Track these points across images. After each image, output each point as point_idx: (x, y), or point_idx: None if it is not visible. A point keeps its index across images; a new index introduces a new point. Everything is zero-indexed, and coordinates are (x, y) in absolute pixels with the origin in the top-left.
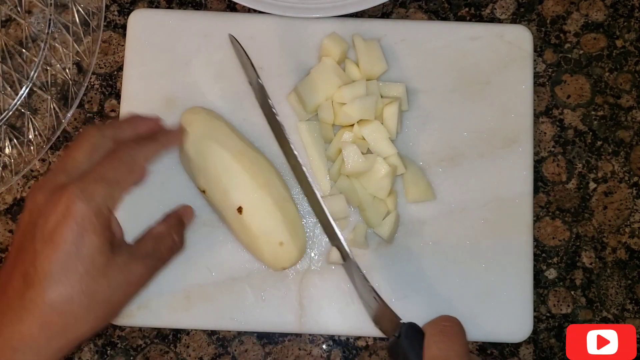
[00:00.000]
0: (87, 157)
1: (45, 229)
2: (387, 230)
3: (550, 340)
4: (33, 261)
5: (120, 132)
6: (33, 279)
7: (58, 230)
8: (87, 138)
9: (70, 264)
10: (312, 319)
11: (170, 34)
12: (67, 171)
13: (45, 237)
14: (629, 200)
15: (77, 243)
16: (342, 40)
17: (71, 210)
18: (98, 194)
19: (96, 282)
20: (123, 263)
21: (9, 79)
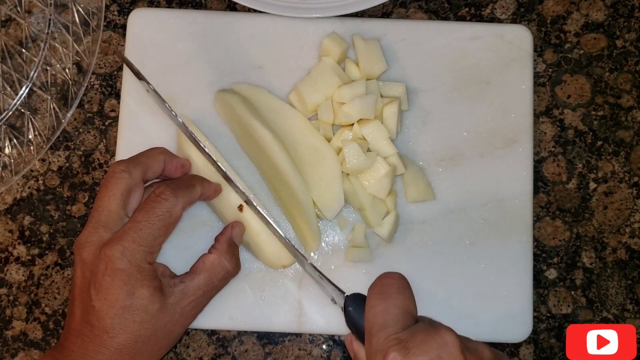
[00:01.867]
0: (122, 206)
1: (98, 287)
2: (387, 230)
3: (551, 340)
4: (95, 314)
5: (149, 171)
6: (99, 329)
7: (110, 289)
8: (116, 183)
9: (127, 317)
10: (312, 319)
11: (170, 34)
12: (106, 225)
13: (100, 296)
14: (629, 200)
15: (130, 298)
16: (342, 40)
17: (116, 271)
18: (138, 253)
19: (154, 325)
20: (176, 302)
21: (9, 79)
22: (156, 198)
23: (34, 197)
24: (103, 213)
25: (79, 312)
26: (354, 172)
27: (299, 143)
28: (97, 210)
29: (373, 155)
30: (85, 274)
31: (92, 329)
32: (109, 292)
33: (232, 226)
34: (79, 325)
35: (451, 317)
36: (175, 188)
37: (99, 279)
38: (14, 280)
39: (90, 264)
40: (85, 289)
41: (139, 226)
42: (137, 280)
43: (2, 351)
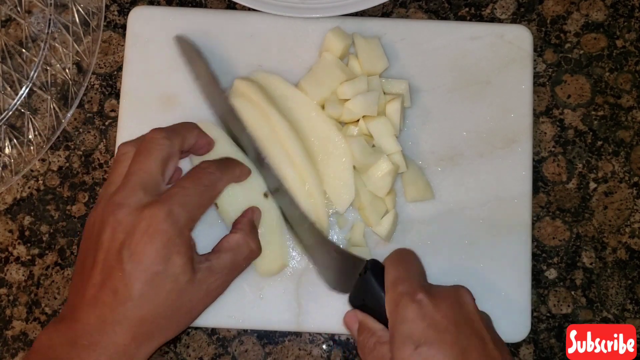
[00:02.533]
0: (161, 171)
1: (133, 249)
2: (386, 229)
3: (550, 340)
4: (122, 279)
5: (185, 142)
6: (125, 296)
7: (146, 252)
8: (158, 148)
9: (158, 283)
10: (310, 318)
11: (170, 32)
12: (146, 187)
13: (134, 258)
14: (629, 200)
15: (164, 264)
16: (346, 35)
17: (158, 232)
18: (182, 217)
19: (180, 298)
20: (203, 278)
21: (9, 79)
22: (204, 170)
23: (34, 197)
24: (143, 176)
25: (99, 278)
26: (360, 167)
27: (311, 132)
28: (135, 173)
29: (379, 152)
30: (117, 236)
31: (115, 296)
32: (145, 254)
33: (252, 210)
34: (99, 293)
35: None
36: (219, 165)
37: (136, 239)
38: (14, 280)
39: (127, 225)
40: (114, 251)
41: (186, 192)
42: (176, 245)
43: (2, 351)
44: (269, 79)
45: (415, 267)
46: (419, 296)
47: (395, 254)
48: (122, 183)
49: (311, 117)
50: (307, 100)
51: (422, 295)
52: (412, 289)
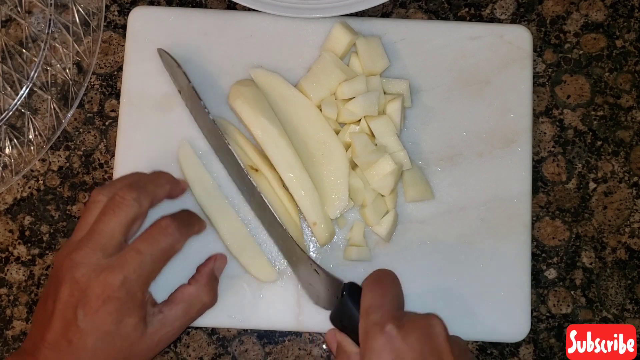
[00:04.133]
0: (124, 232)
1: (87, 310)
2: (386, 229)
3: (550, 340)
4: (77, 333)
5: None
6: (79, 347)
7: (99, 315)
8: (125, 210)
9: (109, 341)
10: (310, 317)
11: (170, 32)
12: (105, 249)
13: (87, 318)
14: (629, 200)
15: (116, 325)
16: (352, 31)
17: (111, 299)
18: (136, 283)
19: (131, 351)
20: (155, 331)
21: (9, 79)
22: (162, 231)
23: (34, 197)
24: (105, 237)
25: (58, 325)
26: (362, 165)
27: (309, 136)
28: (98, 233)
29: (382, 149)
30: (73, 293)
31: (70, 346)
32: (98, 316)
33: (214, 259)
34: (57, 339)
35: (449, 316)
36: (179, 224)
37: (91, 302)
38: (14, 280)
39: (83, 285)
40: (71, 306)
41: (141, 257)
42: (128, 309)
43: (2, 351)
44: (268, 78)
45: (391, 293)
46: (388, 327)
47: (372, 278)
48: (84, 240)
49: (310, 119)
50: (306, 102)
51: (391, 327)
52: (383, 319)
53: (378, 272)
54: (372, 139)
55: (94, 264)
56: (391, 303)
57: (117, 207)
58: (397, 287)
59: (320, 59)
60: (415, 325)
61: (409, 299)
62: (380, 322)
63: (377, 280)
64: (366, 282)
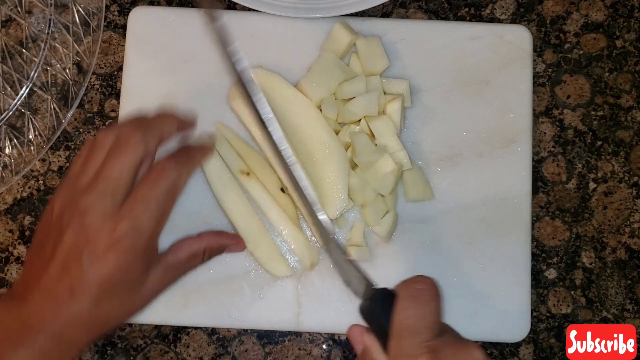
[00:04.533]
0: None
1: (95, 253)
2: (385, 229)
3: (550, 340)
4: (80, 279)
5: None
6: (79, 295)
7: (108, 258)
8: (132, 150)
9: (115, 287)
10: (310, 317)
11: (170, 32)
12: (114, 194)
13: (93, 262)
14: (628, 200)
15: (123, 274)
16: (352, 30)
17: (120, 248)
18: (146, 231)
19: (134, 298)
20: (158, 276)
21: (9, 79)
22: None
23: (34, 197)
24: (113, 182)
25: (57, 271)
26: (362, 164)
27: (308, 136)
28: (106, 178)
29: (382, 149)
30: (80, 240)
31: (71, 294)
32: (106, 260)
33: (235, 240)
34: (55, 286)
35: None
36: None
37: (99, 249)
38: (14, 280)
39: (91, 232)
40: (75, 253)
41: (148, 204)
42: (138, 254)
43: None
44: (269, 78)
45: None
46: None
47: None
48: (92, 185)
49: (309, 119)
50: (306, 102)
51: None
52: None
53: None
54: (372, 139)
55: (103, 209)
56: (427, 327)
57: (124, 149)
58: (436, 304)
59: (320, 59)
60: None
61: None
62: (415, 354)
63: (415, 295)
64: (402, 293)
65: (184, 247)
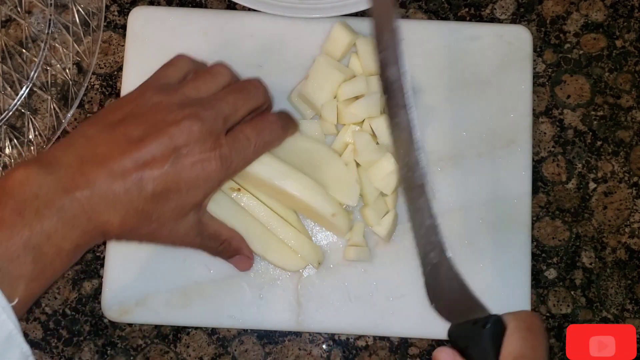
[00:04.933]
0: (245, 116)
1: (182, 160)
2: (386, 229)
3: (550, 340)
4: (154, 172)
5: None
6: (144, 185)
7: (189, 171)
8: (256, 98)
9: (172, 198)
10: (310, 318)
11: (170, 32)
12: (227, 121)
13: (177, 167)
14: (628, 200)
15: (190, 189)
16: (353, 31)
17: (209, 168)
18: (233, 168)
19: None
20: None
21: (9, 79)
22: (269, 125)
23: None
24: (231, 110)
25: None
26: (364, 163)
27: (296, 147)
28: (226, 104)
29: (383, 148)
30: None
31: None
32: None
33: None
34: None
35: None
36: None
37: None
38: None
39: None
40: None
41: (247, 145)
42: (209, 185)
43: None
44: None
45: (543, 346)
46: None
47: (525, 320)
48: (210, 102)
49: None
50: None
51: None
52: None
53: (530, 317)
54: (374, 138)
55: (213, 127)
56: (542, 358)
57: (248, 94)
58: (547, 341)
59: (316, 64)
60: None
61: (409, 299)
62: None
63: (529, 327)
64: (516, 323)
65: (217, 222)
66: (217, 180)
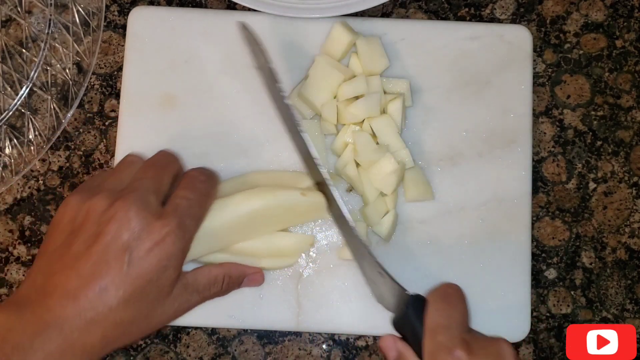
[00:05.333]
0: (170, 185)
1: (137, 254)
2: (386, 229)
3: (550, 340)
4: (115, 280)
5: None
6: (110, 296)
7: (150, 260)
8: (171, 163)
9: (147, 292)
10: (310, 317)
11: (170, 32)
12: (157, 194)
13: (136, 263)
14: (628, 200)
15: (160, 274)
16: (352, 31)
17: (166, 240)
18: (190, 229)
19: (157, 309)
20: (179, 294)
21: (9, 79)
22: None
23: (34, 197)
24: (156, 184)
25: (88, 270)
26: (364, 163)
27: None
28: (150, 178)
29: (383, 148)
30: (123, 234)
31: (102, 295)
32: (148, 262)
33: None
34: (84, 286)
35: None
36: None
37: (144, 246)
38: (14, 280)
39: (136, 227)
40: (116, 249)
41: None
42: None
43: None
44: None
45: (459, 312)
46: (457, 352)
47: (439, 293)
48: (133, 185)
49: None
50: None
51: (460, 352)
52: (451, 342)
53: (445, 288)
54: (374, 138)
55: (148, 206)
56: (459, 324)
57: (165, 161)
58: (465, 305)
59: (315, 64)
60: (485, 351)
61: None
62: (449, 346)
63: (444, 296)
64: (432, 297)
65: (203, 271)
66: (180, 252)
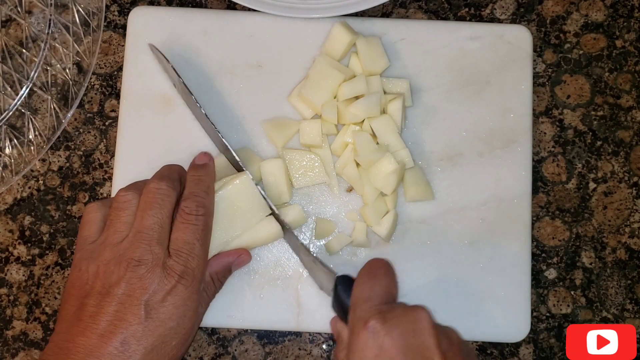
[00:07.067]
0: (171, 221)
1: (153, 306)
2: (386, 229)
3: (550, 340)
4: (136, 333)
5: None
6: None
7: (168, 310)
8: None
9: (169, 339)
10: (310, 317)
11: (170, 32)
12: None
13: (154, 314)
14: (628, 200)
15: (179, 320)
16: (352, 31)
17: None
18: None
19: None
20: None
21: (9, 79)
22: (194, 215)
23: (34, 197)
24: (159, 231)
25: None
26: (365, 163)
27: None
28: (151, 228)
29: (383, 147)
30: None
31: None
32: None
33: (237, 253)
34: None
35: (449, 316)
36: (200, 201)
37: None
38: (14, 280)
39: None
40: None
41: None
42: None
43: (3, 351)
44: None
45: (381, 284)
46: (371, 323)
47: (365, 269)
48: (136, 237)
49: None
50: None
51: (374, 322)
52: (368, 313)
53: (371, 262)
54: (374, 138)
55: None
56: (379, 296)
57: (160, 199)
58: (388, 278)
59: (315, 64)
60: (400, 319)
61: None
62: (365, 317)
63: (368, 271)
64: (359, 273)
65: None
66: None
